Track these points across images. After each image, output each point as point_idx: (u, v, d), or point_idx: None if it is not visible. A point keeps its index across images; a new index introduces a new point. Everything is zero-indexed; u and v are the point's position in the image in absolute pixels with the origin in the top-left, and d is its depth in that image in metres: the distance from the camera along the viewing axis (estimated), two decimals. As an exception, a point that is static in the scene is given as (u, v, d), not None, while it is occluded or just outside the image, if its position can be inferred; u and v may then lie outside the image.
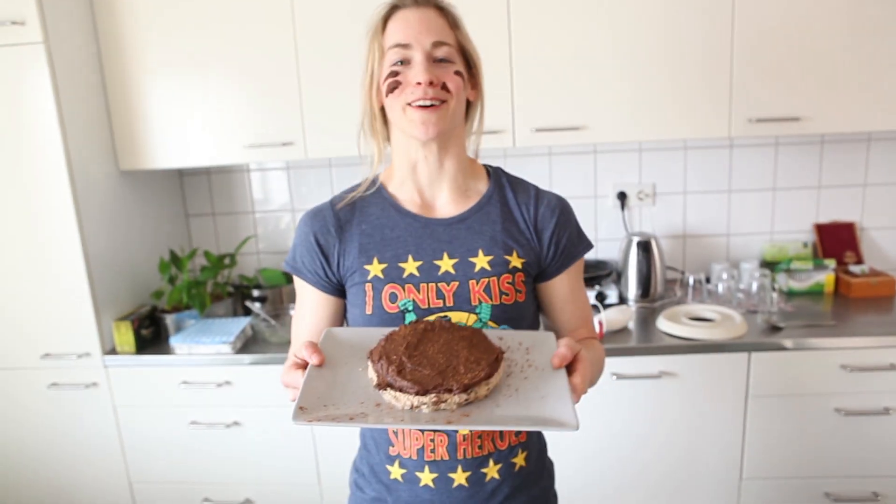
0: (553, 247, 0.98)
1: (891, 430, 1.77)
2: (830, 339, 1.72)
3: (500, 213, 0.98)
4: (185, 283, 2.02)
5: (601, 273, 2.16)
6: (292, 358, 0.83)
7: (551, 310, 1.03)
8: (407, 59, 0.90)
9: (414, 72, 0.89)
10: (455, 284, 0.93)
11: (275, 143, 1.94)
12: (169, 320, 2.00)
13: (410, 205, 0.99)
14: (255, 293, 2.15)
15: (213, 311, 2.10)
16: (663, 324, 1.85)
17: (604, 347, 1.11)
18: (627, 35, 1.82)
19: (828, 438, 1.79)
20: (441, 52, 0.90)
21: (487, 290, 0.93)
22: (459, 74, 0.92)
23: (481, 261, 0.94)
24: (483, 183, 1.02)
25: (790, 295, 2.11)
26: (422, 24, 0.90)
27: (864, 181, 2.21)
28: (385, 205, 0.99)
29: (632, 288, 2.12)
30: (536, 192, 1.01)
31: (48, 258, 1.83)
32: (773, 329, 1.80)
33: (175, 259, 2.09)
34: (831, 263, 2.13)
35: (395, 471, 0.99)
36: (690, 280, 2.09)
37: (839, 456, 1.80)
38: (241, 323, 1.98)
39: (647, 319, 1.95)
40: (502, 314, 0.93)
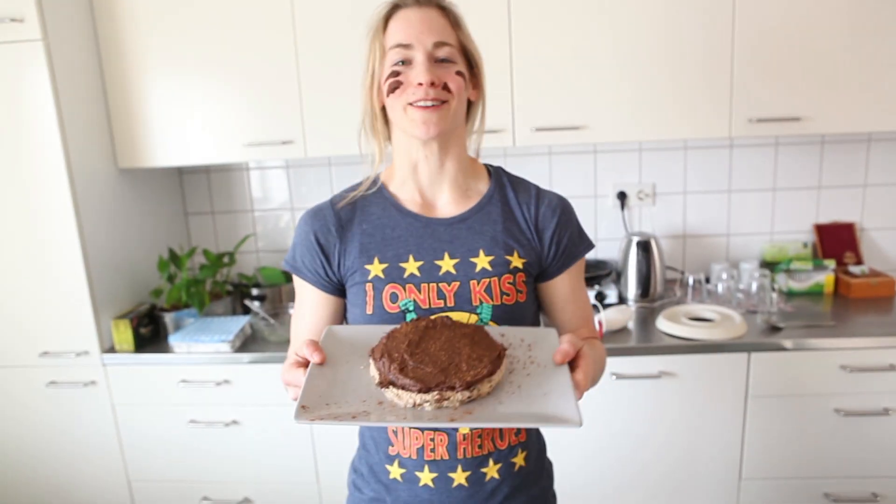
0: (554, 246, 0.98)
1: (890, 431, 1.77)
2: (830, 339, 1.72)
3: (501, 213, 0.98)
4: (184, 281, 2.02)
5: (601, 273, 2.16)
6: (293, 357, 0.83)
7: (552, 310, 1.02)
8: (408, 59, 0.90)
9: (415, 72, 0.89)
10: (456, 285, 0.93)
11: (274, 142, 1.94)
12: (168, 319, 1.99)
13: (411, 204, 0.98)
14: (255, 292, 2.15)
15: (212, 309, 2.09)
16: (663, 324, 1.85)
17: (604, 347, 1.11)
18: (628, 34, 1.82)
19: (827, 439, 1.79)
20: (442, 52, 0.90)
21: (488, 291, 0.93)
22: (461, 74, 0.92)
23: (482, 261, 0.94)
24: (484, 183, 1.02)
25: (790, 295, 2.11)
26: (423, 23, 0.89)
27: (864, 182, 2.21)
28: (386, 204, 0.99)
29: (631, 288, 2.11)
30: (537, 191, 1.01)
31: (47, 256, 1.83)
32: (773, 329, 1.80)
33: (174, 257, 2.09)
34: (831, 264, 2.13)
35: (395, 470, 0.98)
36: (690, 280, 2.09)
37: (838, 456, 1.80)
38: (240, 321, 1.98)
39: (646, 319, 1.95)
40: (503, 314, 0.92)
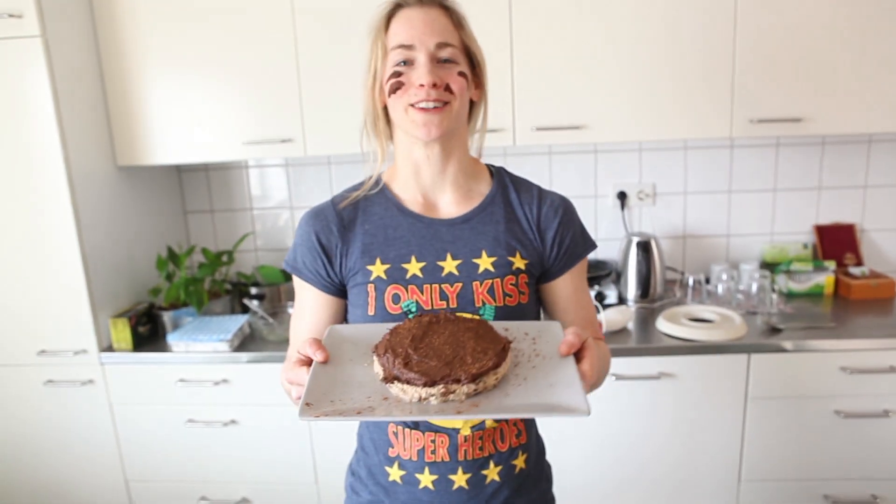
0: (556, 247, 0.97)
1: (890, 433, 1.77)
2: (830, 340, 1.72)
3: (504, 214, 0.97)
4: (182, 280, 2.01)
5: (601, 273, 2.15)
6: (294, 356, 0.82)
7: (555, 310, 1.02)
8: (410, 60, 0.89)
9: (417, 73, 0.88)
10: (458, 286, 0.92)
11: (274, 140, 1.93)
12: (166, 318, 1.98)
13: (414, 205, 0.98)
14: (253, 291, 2.14)
15: (211, 308, 2.09)
16: (663, 324, 1.84)
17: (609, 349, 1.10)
18: (628, 34, 1.81)
19: (827, 441, 1.79)
20: (445, 52, 0.89)
21: (491, 292, 0.92)
22: (463, 75, 0.91)
23: (485, 262, 0.94)
24: (486, 183, 1.01)
25: (790, 296, 2.11)
26: (426, 24, 0.89)
27: (864, 183, 2.21)
28: (388, 205, 0.98)
29: (631, 288, 2.11)
30: (539, 191, 1.01)
31: (45, 254, 1.82)
32: (773, 330, 1.80)
33: (173, 256, 2.08)
34: (831, 265, 2.12)
35: (395, 472, 0.98)
36: (690, 281, 2.09)
37: (838, 458, 1.80)
38: (238, 321, 1.97)
39: (646, 320, 1.95)
40: (506, 316, 0.92)
